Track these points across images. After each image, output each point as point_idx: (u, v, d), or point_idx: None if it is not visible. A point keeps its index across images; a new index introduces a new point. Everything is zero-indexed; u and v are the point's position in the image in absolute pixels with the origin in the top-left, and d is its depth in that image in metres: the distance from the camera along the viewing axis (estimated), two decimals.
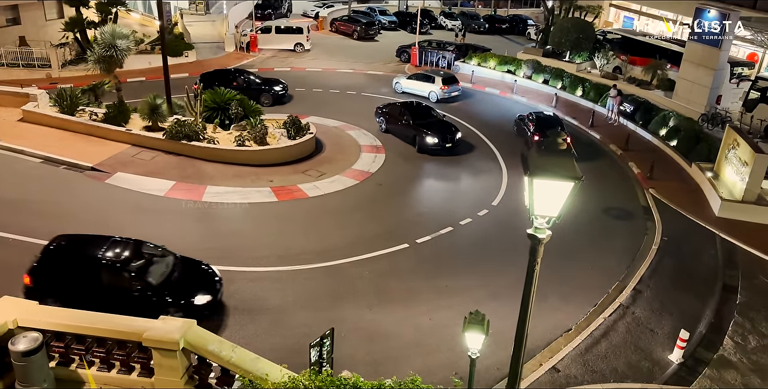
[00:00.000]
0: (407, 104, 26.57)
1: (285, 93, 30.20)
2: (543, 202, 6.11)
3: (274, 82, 30.39)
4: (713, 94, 28.82)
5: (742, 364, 13.45)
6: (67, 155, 21.19)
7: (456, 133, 24.70)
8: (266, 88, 29.50)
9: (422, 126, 24.55)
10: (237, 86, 28.18)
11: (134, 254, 13.38)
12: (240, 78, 29.76)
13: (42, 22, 36.40)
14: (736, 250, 18.30)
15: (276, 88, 29.89)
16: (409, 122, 25.06)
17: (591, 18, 39.49)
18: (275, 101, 29.39)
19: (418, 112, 25.76)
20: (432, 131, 24.27)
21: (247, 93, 26.78)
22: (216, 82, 27.93)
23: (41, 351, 8.16)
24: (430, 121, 25.11)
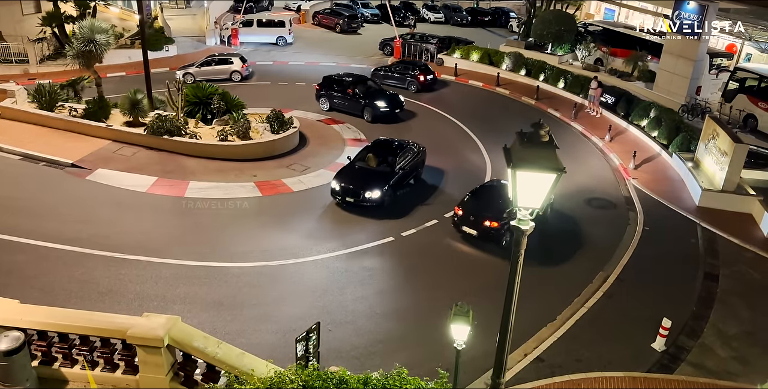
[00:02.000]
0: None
1: (390, 110, 27.08)
2: (526, 194, 6.15)
3: (382, 95, 27.59)
4: (693, 85, 29.11)
5: (723, 351, 13.67)
6: (47, 151, 20.92)
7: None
8: (368, 102, 26.99)
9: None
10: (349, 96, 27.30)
11: None
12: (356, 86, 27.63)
13: (19, 17, 35.75)
14: (716, 239, 18.55)
15: (379, 103, 26.95)
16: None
17: (572, 10, 39.70)
18: (379, 118, 26.87)
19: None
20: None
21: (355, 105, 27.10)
22: (333, 86, 27.92)
23: (23, 350, 8.08)
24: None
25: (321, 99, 28.14)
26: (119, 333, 8.43)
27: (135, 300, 14.00)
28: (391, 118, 26.63)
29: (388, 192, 18.88)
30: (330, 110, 27.75)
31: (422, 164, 21.21)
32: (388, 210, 18.96)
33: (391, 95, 27.54)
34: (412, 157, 20.51)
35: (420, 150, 21.10)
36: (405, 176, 19.95)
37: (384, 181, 18.92)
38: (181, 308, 13.69)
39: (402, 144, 21.05)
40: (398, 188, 19.55)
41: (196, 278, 15.06)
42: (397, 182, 19.43)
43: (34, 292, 13.56)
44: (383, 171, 19.48)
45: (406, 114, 27.69)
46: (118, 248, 15.91)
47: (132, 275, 14.94)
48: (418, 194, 20.26)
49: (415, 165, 20.65)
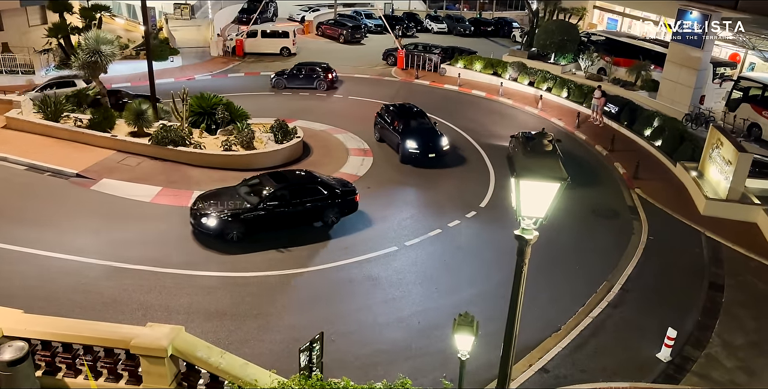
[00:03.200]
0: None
1: (421, 154, 23.07)
2: (530, 203, 6.15)
3: (420, 134, 23.43)
4: (696, 94, 29.13)
5: (729, 361, 13.57)
6: (52, 161, 21.00)
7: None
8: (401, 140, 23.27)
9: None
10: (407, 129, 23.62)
11: None
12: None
13: (25, 29, 36.13)
14: (721, 248, 18.47)
15: (409, 143, 22.98)
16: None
17: (575, 20, 39.82)
18: (408, 160, 23.24)
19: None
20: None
21: None
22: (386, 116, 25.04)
23: (27, 360, 8.07)
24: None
25: (375, 127, 25.73)
26: (123, 343, 8.42)
27: (138, 309, 14.00)
28: (423, 162, 22.97)
29: (232, 226, 16.85)
30: (380, 140, 25.26)
31: (338, 209, 18.17)
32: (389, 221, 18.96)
33: (432, 136, 23.35)
34: (312, 199, 17.77)
35: (337, 193, 18.13)
36: (275, 217, 17.31)
37: (229, 213, 16.89)
38: (185, 318, 13.68)
39: (306, 181, 18.40)
40: (257, 226, 17.24)
41: (200, 287, 15.06)
42: (255, 220, 17.07)
43: (39, 302, 13.56)
44: (246, 202, 17.39)
45: None
46: (122, 258, 15.93)
47: (136, 285, 14.94)
48: (423, 204, 20.25)
49: (318, 209, 17.85)
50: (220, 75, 35.78)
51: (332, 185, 18.56)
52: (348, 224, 18.68)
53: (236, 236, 17.08)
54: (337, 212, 18.25)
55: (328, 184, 18.48)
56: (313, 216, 18.09)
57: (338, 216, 18.30)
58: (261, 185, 18.08)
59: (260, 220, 17.23)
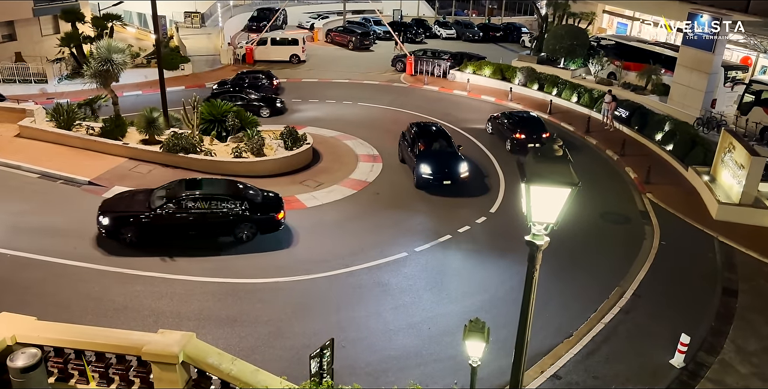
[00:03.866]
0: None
1: (435, 180, 21.40)
2: (540, 208, 6.12)
3: (436, 158, 21.75)
4: (708, 98, 28.95)
5: (744, 367, 13.42)
6: (65, 169, 21.19)
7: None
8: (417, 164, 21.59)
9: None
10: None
11: None
12: None
13: (38, 38, 36.61)
14: (734, 253, 18.30)
15: (423, 167, 21.29)
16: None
17: (584, 24, 39.74)
18: (422, 186, 21.51)
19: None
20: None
21: None
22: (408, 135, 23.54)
23: (40, 367, 8.12)
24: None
25: (399, 147, 24.35)
26: (134, 349, 8.46)
27: (150, 316, 14.06)
28: (434, 182, 21.30)
29: (125, 227, 16.50)
30: (402, 161, 23.81)
31: (253, 226, 17.20)
32: (399, 227, 18.95)
33: (447, 161, 21.53)
34: (218, 210, 16.88)
35: (252, 208, 17.12)
36: (173, 224, 16.64)
37: (122, 213, 16.73)
38: (196, 324, 13.72)
39: (218, 191, 17.37)
40: (152, 232, 16.74)
41: (211, 294, 15.11)
42: (150, 224, 16.56)
43: (51, 309, 13.67)
44: (148, 204, 16.96)
45: None
46: (134, 264, 16.02)
47: (147, 291, 15.02)
48: (433, 210, 20.22)
49: (227, 223, 16.98)
50: None
51: (250, 199, 17.30)
52: (358, 230, 18.69)
53: (130, 238, 16.59)
54: (252, 229, 17.18)
55: (246, 198, 17.26)
56: (220, 229, 17.15)
57: (253, 233, 17.20)
58: (170, 190, 17.37)
59: (155, 225, 16.60)
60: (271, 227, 17.60)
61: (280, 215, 17.60)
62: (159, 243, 16.92)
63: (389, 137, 26.71)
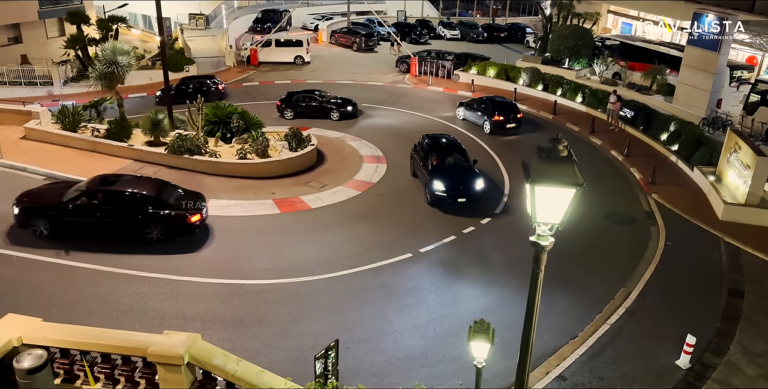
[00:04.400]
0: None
1: (449, 197, 20.12)
2: (545, 209, 6.10)
3: (451, 174, 20.62)
4: (713, 98, 28.84)
5: (751, 369, 13.35)
6: (70, 171, 21.27)
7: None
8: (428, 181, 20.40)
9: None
10: None
11: None
12: None
13: (43, 40, 36.78)
14: (740, 253, 18.22)
15: (436, 185, 20.05)
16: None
17: (589, 25, 39.67)
18: (435, 203, 20.17)
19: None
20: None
21: None
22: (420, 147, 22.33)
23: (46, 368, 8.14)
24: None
25: (411, 160, 22.95)
26: (140, 350, 8.47)
27: (155, 317, 14.09)
28: (447, 200, 20.08)
29: (34, 219, 16.64)
30: (414, 176, 22.57)
31: (164, 227, 16.98)
32: (403, 228, 18.94)
33: (463, 177, 20.37)
34: (127, 210, 16.77)
35: (163, 209, 16.87)
36: (81, 220, 16.59)
37: (31, 204, 16.81)
38: (201, 325, 13.75)
39: (129, 190, 17.02)
40: (61, 226, 16.73)
41: (216, 295, 15.13)
42: (57, 218, 16.60)
43: (57, 310, 13.72)
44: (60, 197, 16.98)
45: None
46: (139, 266, 16.06)
47: (152, 293, 15.06)
48: (438, 211, 20.21)
49: (134, 223, 16.78)
50: (235, 84, 36.06)
51: (162, 200, 17.04)
52: (362, 231, 18.69)
53: (40, 231, 16.57)
54: (162, 231, 16.92)
55: (157, 198, 17.03)
56: (128, 228, 16.88)
57: (163, 235, 16.94)
58: (86, 185, 17.32)
59: (63, 220, 16.56)
60: (183, 230, 17.24)
61: (195, 218, 17.17)
62: (72, 237, 16.73)
63: (393, 139, 26.76)
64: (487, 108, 28.18)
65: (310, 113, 29.40)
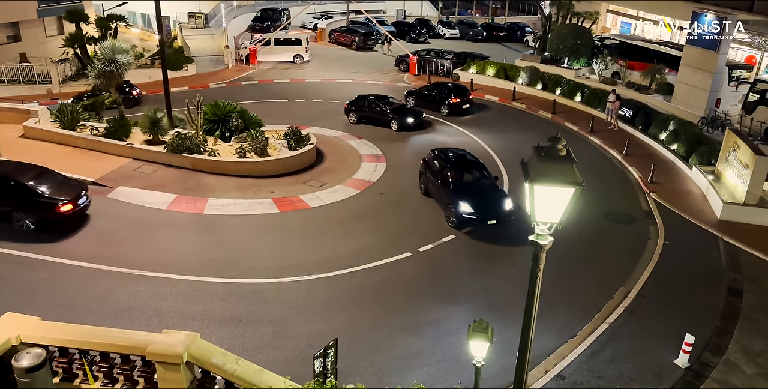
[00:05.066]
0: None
1: (477, 219, 18.52)
2: (544, 208, 6.11)
3: (477, 193, 19.15)
4: (712, 97, 28.87)
5: (749, 368, 13.37)
6: (69, 170, 21.18)
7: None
8: (452, 201, 18.82)
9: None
10: None
11: None
12: None
13: (42, 39, 36.73)
14: (739, 253, 18.24)
15: (462, 206, 18.46)
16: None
17: (588, 24, 39.66)
18: (461, 224, 18.63)
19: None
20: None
21: None
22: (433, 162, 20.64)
23: (45, 367, 8.14)
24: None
25: (420, 178, 21.34)
26: (139, 349, 8.47)
27: (154, 316, 14.09)
28: (475, 222, 18.55)
29: None
30: (426, 194, 20.99)
31: (32, 215, 17.13)
32: (403, 227, 18.94)
33: (492, 197, 18.99)
34: None
35: (30, 197, 17.08)
36: None
37: None
38: (200, 324, 13.74)
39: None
40: None
41: (215, 294, 15.13)
42: None
43: (56, 309, 13.70)
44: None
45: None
46: (138, 265, 16.06)
47: (151, 291, 15.05)
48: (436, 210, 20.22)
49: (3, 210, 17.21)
50: (234, 83, 36.05)
51: (33, 189, 17.19)
52: (361, 230, 18.69)
53: None
54: (31, 219, 17.16)
55: (27, 187, 17.20)
56: None
57: (32, 222, 17.17)
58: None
59: None
60: (51, 219, 17.38)
61: (65, 207, 17.22)
62: None
63: (393, 138, 26.75)
64: (443, 93, 30.64)
65: (373, 119, 28.36)
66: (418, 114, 28.41)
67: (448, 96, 30.33)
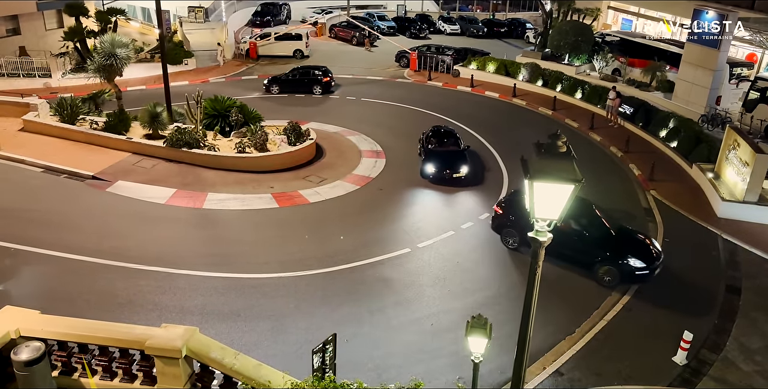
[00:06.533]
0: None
1: None
2: (544, 205, 6.11)
3: None
4: (713, 95, 28.85)
5: (747, 365, 13.40)
6: (68, 164, 21.23)
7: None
8: None
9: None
10: None
11: None
12: None
13: (42, 32, 36.62)
14: (738, 251, 18.25)
15: None
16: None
17: (589, 20, 39.57)
18: None
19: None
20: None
21: None
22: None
23: (44, 360, 8.15)
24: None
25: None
26: (138, 343, 8.48)
27: (153, 310, 14.10)
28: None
29: None
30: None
31: None
32: (402, 223, 18.94)
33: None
34: None
35: None
36: None
37: None
38: (199, 319, 13.76)
39: None
40: None
41: (214, 289, 15.14)
42: None
43: (55, 303, 13.70)
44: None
45: None
46: (138, 259, 16.06)
47: (151, 286, 15.06)
48: (435, 206, 20.23)
49: None
50: (234, 78, 35.98)
51: None
52: (360, 226, 18.68)
53: None
54: None
55: None
56: None
57: None
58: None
59: None
60: None
61: None
62: None
63: (392, 133, 26.73)
64: (307, 74, 32.96)
65: None
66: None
67: (317, 76, 33.00)
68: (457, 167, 21.73)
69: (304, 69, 33.76)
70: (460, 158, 22.31)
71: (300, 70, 33.47)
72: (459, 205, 20.50)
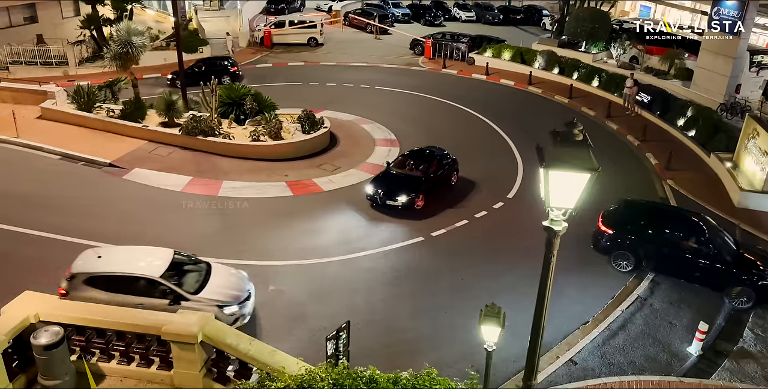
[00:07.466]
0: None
1: None
2: (559, 194, 6.07)
3: None
4: (732, 83, 28.39)
5: (763, 356, 13.31)
6: (85, 151, 21.43)
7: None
8: None
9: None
10: None
11: None
12: None
13: (59, 20, 36.79)
14: (756, 241, 18.04)
15: None
16: None
17: (607, 7, 39.06)
18: None
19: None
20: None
21: None
22: None
23: (63, 344, 8.29)
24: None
25: None
26: (154, 329, 8.60)
27: None
28: None
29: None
30: None
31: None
32: (419, 211, 18.92)
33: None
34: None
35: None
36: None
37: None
38: None
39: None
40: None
41: None
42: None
43: None
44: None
45: None
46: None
47: None
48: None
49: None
50: (249, 66, 35.98)
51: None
52: (374, 215, 18.70)
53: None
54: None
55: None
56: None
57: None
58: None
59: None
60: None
61: None
62: None
63: (407, 122, 26.63)
64: (214, 65, 31.91)
65: None
66: None
67: (226, 67, 32.45)
68: (394, 194, 18.70)
69: (210, 60, 33.20)
70: (411, 186, 18.99)
71: (206, 62, 32.76)
72: (473, 194, 20.39)
